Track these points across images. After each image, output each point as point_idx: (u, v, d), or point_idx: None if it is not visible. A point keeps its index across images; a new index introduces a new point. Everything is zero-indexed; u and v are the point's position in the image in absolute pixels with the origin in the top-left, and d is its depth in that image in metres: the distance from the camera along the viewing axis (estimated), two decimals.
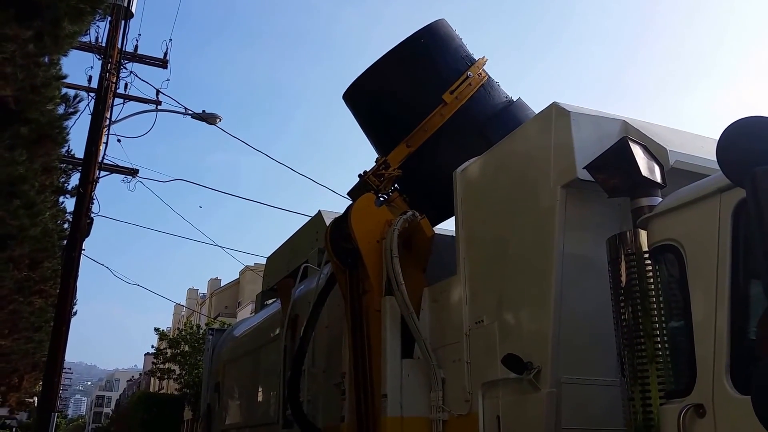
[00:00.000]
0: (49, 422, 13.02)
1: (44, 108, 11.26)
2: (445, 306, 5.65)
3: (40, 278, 16.79)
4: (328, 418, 6.63)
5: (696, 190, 3.31)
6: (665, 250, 3.33)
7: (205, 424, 10.90)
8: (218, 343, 11.32)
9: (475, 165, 5.65)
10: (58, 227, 17.72)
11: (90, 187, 14.63)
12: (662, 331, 3.48)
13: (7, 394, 24.28)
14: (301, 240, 8.91)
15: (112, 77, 15.47)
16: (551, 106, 4.78)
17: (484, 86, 6.70)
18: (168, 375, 37.82)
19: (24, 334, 18.39)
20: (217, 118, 17.01)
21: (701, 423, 2.94)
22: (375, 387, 5.71)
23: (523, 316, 4.77)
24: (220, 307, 48.46)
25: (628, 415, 3.66)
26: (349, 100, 7.35)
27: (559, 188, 4.49)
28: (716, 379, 2.92)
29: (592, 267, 4.42)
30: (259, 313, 10.48)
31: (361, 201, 6.42)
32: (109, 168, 16.39)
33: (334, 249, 6.40)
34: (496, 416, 4.71)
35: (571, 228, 4.49)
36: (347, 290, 6.26)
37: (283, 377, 7.36)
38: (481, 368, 5.00)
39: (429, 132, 6.56)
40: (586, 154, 4.27)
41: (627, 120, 4.64)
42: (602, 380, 4.33)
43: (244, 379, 9.79)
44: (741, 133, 2.93)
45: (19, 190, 11.29)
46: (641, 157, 3.87)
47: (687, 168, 4.20)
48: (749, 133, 2.89)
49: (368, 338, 5.92)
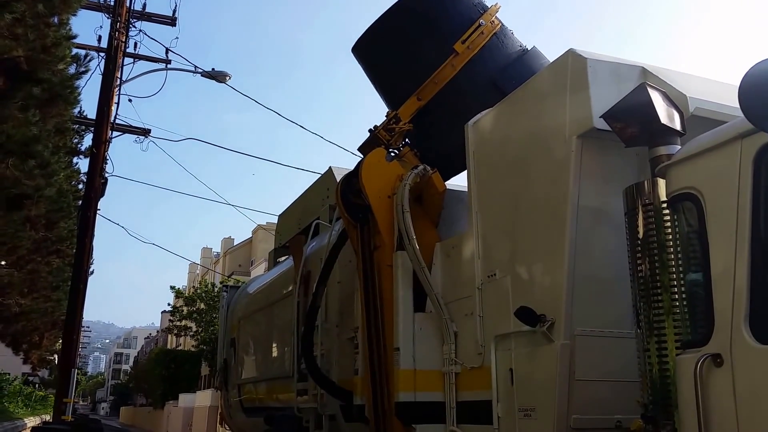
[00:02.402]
0: (69, 379, 13.28)
1: (55, 68, 11.22)
2: (457, 260, 5.61)
3: (57, 238, 16.97)
4: (341, 371, 6.68)
5: (716, 136, 3.20)
6: (684, 199, 3.24)
7: (221, 378, 11.05)
8: (233, 300, 11.40)
9: (487, 117, 5.54)
10: (72, 188, 17.86)
11: (103, 147, 14.66)
12: (680, 283, 3.41)
13: (29, 352, 24.78)
14: (312, 197, 8.87)
15: (121, 36, 15.35)
16: (567, 53, 4.63)
17: (497, 35, 6.50)
18: (185, 332, 38.40)
19: (43, 293, 18.69)
20: (227, 76, 16.92)
21: (718, 372, 2.90)
22: (387, 341, 5.72)
23: (536, 269, 4.72)
24: (234, 266, 48.87)
25: (642, 367, 3.63)
26: (358, 53, 7.20)
27: (575, 138, 4.38)
28: (735, 328, 2.86)
29: (607, 219, 4.35)
30: (272, 270, 10.52)
31: (372, 156, 6.34)
32: (121, 128, 16.42)
33: (345, 205, 6.35)
34: (509, 368, 4.69)
35: (586, 179, 4.40)
36: (359, 246, 6.23)
37: (297, 332, 7.40)
38: (493, 321, 4.98)
39: (440, 84, 6.41)
40: (603, 102, 4.16)
41: (646, 66, 4.50)
42: (617, 332, 4.30)
43: (258, 334, 9.88)
44: (764, 76, 2.81)
45: (34, 150, 11.32)
46: (660, 104, 3.76)
47: (707, 115, 4.07)
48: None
49: (380, 293, 5.91)
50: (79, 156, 17.74)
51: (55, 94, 11.63)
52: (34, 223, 14.43)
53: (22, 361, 27.02)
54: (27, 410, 22.26)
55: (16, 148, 10.78)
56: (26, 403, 24.64)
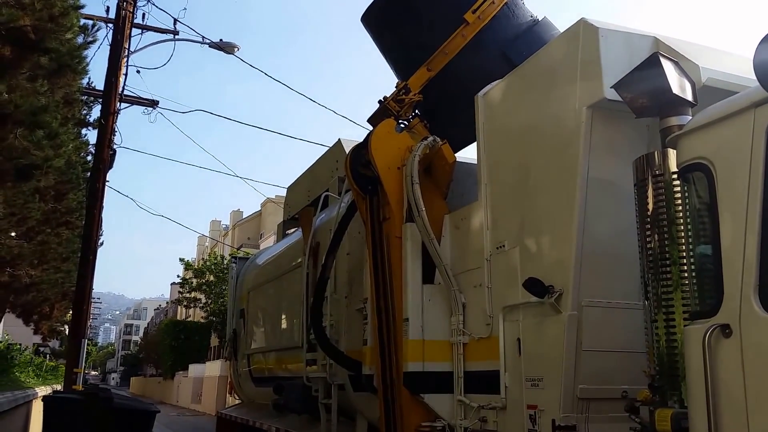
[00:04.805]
0: (79, 349, 13.42)
1: (63, 37, 11.15)
2: (466, 232, 5.62)
3: (66, 210, 17.02)
4: (350, 342, 6.74)
5: (728, 106, 3.17)
6: (695, 169, 3.21)
7: (231, 348, 11.18)
8: (242, 271, 11.49)
9: (497, 88, 5.50)
10: (81, 159, 17.87)
11: (111, 118, 14.64)
12: (689, 254, 3.41)
13: (39, 322, 25.03)
14: (321, 169, 8.87)
15: (129, 6, 15.26)
16: (579, 23, 4.59)
17: (507, 4, 6.42)
18: (194, 303, 38.74)
19: (53, 264, 18.79)
20: (235, 47, 16.81)
21: (727, 343, 2.91)
22: (396, 311, 5.76)
23: (545, 241, 4.73)
24: (243, 238, 49.05)
25: (650, 338, 3.64)
26: (368, 22, 7.14)
27: (585, 109, 4.36)
28: (744, 298, 2.86)
29: (617, 191, 4.34)
30: (281, 242, 10.57)
31: (381, 127, 6.32)
32: (129, 99, 16.38)
33: (354, 176, 6.35)
34: (517, 339, 4.73)
35: (596, 151, 4.38)
36: (368, 217, 6.24)
37: (306, 303, 7.46)
38: (501, 293, 5.00)
39: (450, 55, 6.37)
40: (614, 72, 4.12)
41: (658, 36, 4.45)
42: (624, 303, 4.32)
43: (268, 305, 9.96)
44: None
45: (42, 120, 11.28)
46: (672, 73, 3.72)
47: (720, 86, 4.03)
48: None
49: (389, 264, 5.93)
50: (87, 127, 17.71)
51: (63, 64, 11.56)
52: (43, 194, 14.46)
53: (33, 331, 27.31)
54: (38, 380, 22.54)
55: (24, 118, 10.76)
56: (37, 373, 24.94)
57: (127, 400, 11.19)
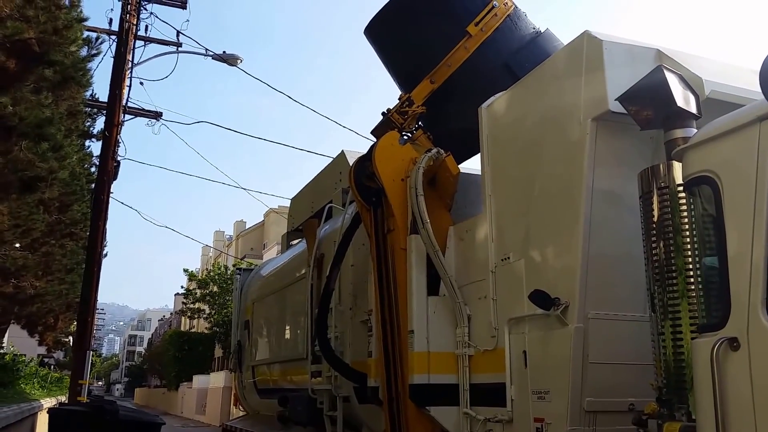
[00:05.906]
0: (84, 360, 13.44)
1: (67, 50, 11.21)
2: (470, 244, 5.61)
3: (71, 221, 17.07)
4: (355, 353, 6.73)
5: (734, 119, 3.17)
6: (700, 182, 3.21)
7: (235, 360, 11.17)
8: (246, 282, 11.49)
9: (501, 100, 5.52)
10: (85, 171, 17.93)
11: (115, 130, 14.71)
12: (695, 266, 3.40)
13: (44, 333, 25.03)
14: (325, 180, 8.88)
15: (132, 19, 15.35)
16: (583, 35, 4.60)
17: (510, 17, 6.45)
18: (198, 314, 38.70)
19: (57, 276, 18.83)
20: (238, 59, 16.89)
21: (735, 356, 2.89)
22: (401, 323, 5.75)
23: (550, 253, 4.72)
24: (246, 249, 49.09)
25: (657, 350, 3.63)
26: (371, 34, 7.16)
27: (590, 121, 4.36)
28: (752, 311, 2.85)
29: (622, 203, 4.34)
30: (285, 254, 10.58)
31: (385, 139, 6.33)
32: (133, 111, 16.45)
33: (358, 188, 6.36)
34: (523, 351, 4.72)
35: (601, 162, 4.39)
36: (372, 229, 6.24)
37: (311, 315, 7.46)
38: (507, 305, 4.99)
39: (453, 67, 6.38)
40: (618, 85, 4.13)
41: (661, 48, 4.46)
42: (630, 315, 4.31)
43: (272, 317, 9.95)
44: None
45: (47, 132, 11.33)
46: (676, 86, 3.73)
47: (723, 98, 4.03)
48: None
49: (394, 276, 5.93)
50: (91, 139, 17.78)
51: (67, 76, 11.63)
52: (47, 205, 14.52)
53: (38, 342, 27.34)
54: (43, 391, 22.52)
55: (29, 131, 10.81)
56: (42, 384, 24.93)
57: (133, 412, 11.15)
